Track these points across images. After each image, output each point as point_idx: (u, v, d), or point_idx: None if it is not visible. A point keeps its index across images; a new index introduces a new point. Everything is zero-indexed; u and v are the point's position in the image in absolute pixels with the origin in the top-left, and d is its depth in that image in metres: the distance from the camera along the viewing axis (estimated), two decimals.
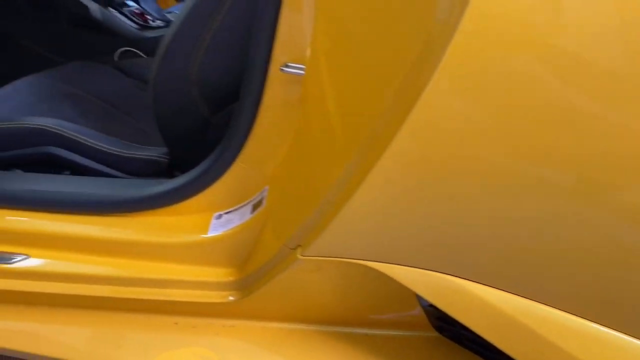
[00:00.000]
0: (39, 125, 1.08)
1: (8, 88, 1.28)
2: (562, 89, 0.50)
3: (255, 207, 0.85)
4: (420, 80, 0.51)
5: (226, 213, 0.89)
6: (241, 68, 0.86)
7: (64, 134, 1.08)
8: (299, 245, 0.72)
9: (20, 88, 1.29)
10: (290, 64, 0.75)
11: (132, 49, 1.59)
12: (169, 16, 1.65)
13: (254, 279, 0.80)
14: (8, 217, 0.95)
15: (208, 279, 0.84)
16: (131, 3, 1.70)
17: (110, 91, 1.36)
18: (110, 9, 1.61)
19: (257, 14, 0.76)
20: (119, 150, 1.09)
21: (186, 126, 1.03)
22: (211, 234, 0.85)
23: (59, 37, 1.66)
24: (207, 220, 0.89)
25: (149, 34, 1.61)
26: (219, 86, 0.95)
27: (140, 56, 1.58)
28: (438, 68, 0.49)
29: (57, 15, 1.72)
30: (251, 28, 0.78)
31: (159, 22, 1.67)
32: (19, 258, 0.90)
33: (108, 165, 1.09)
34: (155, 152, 1.09)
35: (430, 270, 0.66)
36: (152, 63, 0.97)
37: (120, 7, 1.64)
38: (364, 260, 0.67)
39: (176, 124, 1.03)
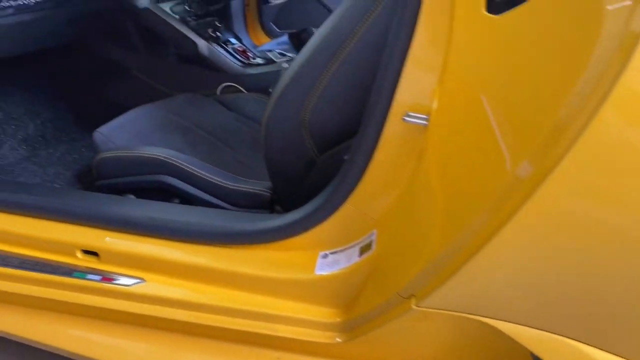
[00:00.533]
0: (156, 155, 1.16)
1: (125, 117, 1.39)
2: None
3: (363, 250, 0.87)
4: (564, 142, 0.51)
5: (332, 253, 0.91)
6: (355, 111, 0.89)
7: (178, 164, 1.15)
8: (413, 295, 0.72)
9: (136, 118, 1.39)
10: (412, 114, 0.77)
11: (234, 84, 1.68)
12: (269, 54, 1.73)
13: (361, 323, 0.81)
14: (127, 242, 1.02)
15: (314, 318, 0.85)
16: (234, 40, 1.80)
17: (214, 124, 1.44)
18: (216, 45, 1.71)
19: (381, 61, 0.78)
20: (225, 182, 1.15)
21: (293, 164, 1.06)
22: (319, 273, 0.87)
23: (169, 71, 1.79)
24: (313, 258, 0.91)
25: (250, 70, 1.69)
26: (330, 129, 0.98)
27: (241, 91, 1.67)
28: (581, 136, 0.49)
29: (168, 51, 1.86)
30: (373, 75, 0.81)
31: (259, 60, 1.76)
32: (135, 281, 0.96)
33: (215, 196, 1.15)
34: (259, 186, 1.14)
35: (555, 333, 0.64)
36: (267, 103, 1.02)
37: (225, 44, 1.74)
38: (484, 316, 0.66)
39: (284, 162, 1.07)
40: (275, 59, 1.72)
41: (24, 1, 1.34)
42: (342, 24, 0.89)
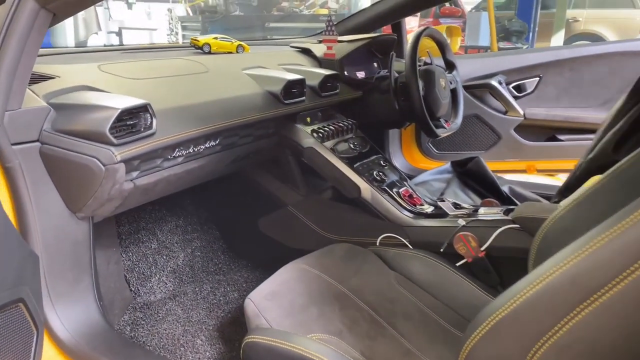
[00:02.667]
0: (314, 355, 0.96)
1: (278, 278, 1.23)
2: None
3: None
4: None
5: None
6: None
7: None
8: None
9: (290, 280, 1.22)
10: None
11: (396, 236, 1.46)
12: (443, 208, 1.50)
13: None
14: None
15: None
16: (400, 181, 1.61)
17: (374, 288, 1.23)
18: (380, 191, 1.53)
19: None
20: None
21: None
22: None
23: (327, 212, 1.64)
24: None
25: (417, 222, 1.47)
26: None
27: (405, 245, 1.45)
28: None
29: (328, 190, 1.73)
30: None
31: (428, 208, 1.54)
32: None
33: None
34: None
35: None
36: (464, 338, 0.76)
37: (390, 187, 1.55)
38: None
39: None
40: (448, 211, 1.48)
41: (195, 149, 1.29)
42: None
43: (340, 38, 1.90)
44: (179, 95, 1.29)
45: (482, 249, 1.34)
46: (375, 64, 2.10)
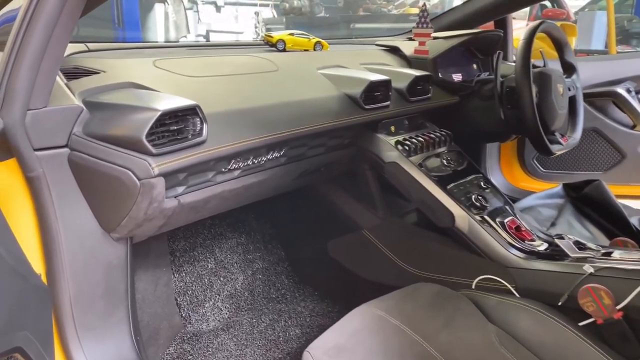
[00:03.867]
0: None
1: (344, 327, 0.99)
2: None
3: None
4: None
5: None
6: None
7: None
8: None
9: (360, 331, 0.97)
10: None
11: (498, 279, 1.16)
12: (560, 245, 1.17)
13: None
14: None
15: None
16: (508, 211, 1.30)
17: (468, 348, 0.97)
18: (480, 220, 1.24)
19: None
20: None
21: None
22: None
23: (409, 241, 1.37)
24: None
25: (528, 264, 1.16)
26: None
27: (510, 292, 1.14)
28: None
29: (411, 215, 1.46)
30: None
31: (545, 246, 1.21)
32: None
33: None
34: None
35: None
36: None
37: (492, 216, 1.25)
38: None
39: None
40: (568, 252, 1.15)
41: (255, 160, 1.08)
42: None
43: (435, 34, 1.62)
44: (239, 96, 1.08)
45: (619, 308, 1.01)
46: (475, 66, 1.79)
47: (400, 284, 1.14)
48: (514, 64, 1.86)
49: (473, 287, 1.20)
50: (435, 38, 1.61)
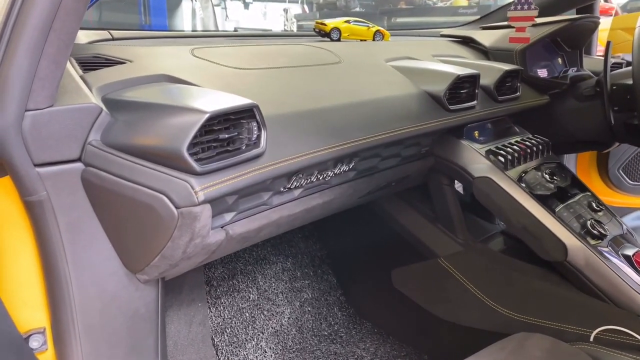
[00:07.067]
0: None
1: None
2: None
3: None
4: None
5: None
6: None
7: None
8: None
9: None
10: None
11: (627, 331, 0.90)
12: None
13: None
14: None
15: None
16: (631, 239, 1.03)
17: None
18: (598, 251, 0.97)
19: None
20: None
21: None
22: None
23: (497, 275, 1.11)
24: None
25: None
26: None
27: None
28: None
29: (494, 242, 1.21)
30: None
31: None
32: None
33: None
34: None
35: None
36: None
37: (614, 247, 0.99)
38: None
39: None
40: None
41: (319, 176, 0.83)
42: None
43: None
44: (298, 94, 0.84)
45: None
46: (560, 60, 1.52)
47: (487, 327, 0.89)
48: (598, 57, 1.58)
49: (591, 339, 0.93)
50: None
